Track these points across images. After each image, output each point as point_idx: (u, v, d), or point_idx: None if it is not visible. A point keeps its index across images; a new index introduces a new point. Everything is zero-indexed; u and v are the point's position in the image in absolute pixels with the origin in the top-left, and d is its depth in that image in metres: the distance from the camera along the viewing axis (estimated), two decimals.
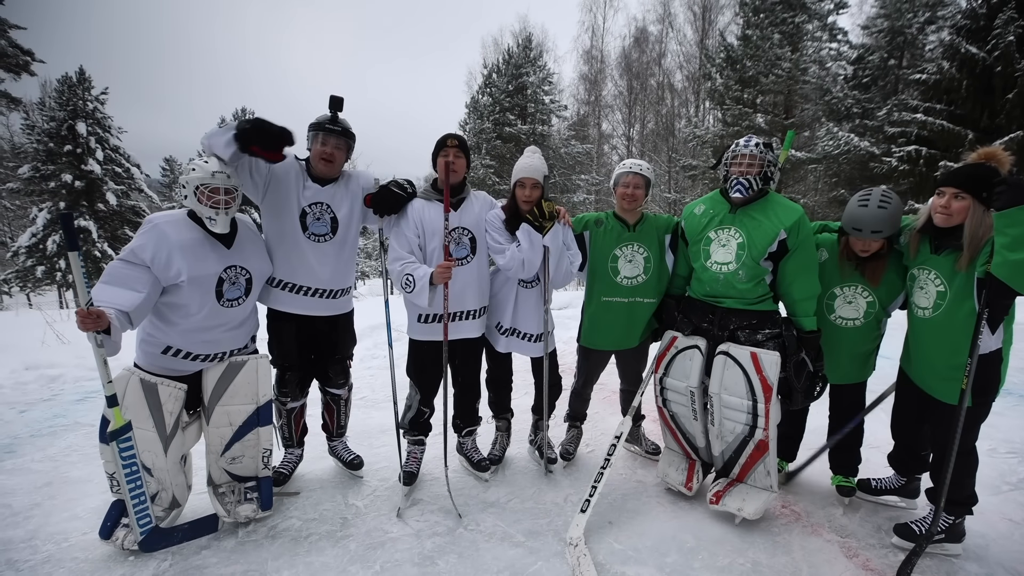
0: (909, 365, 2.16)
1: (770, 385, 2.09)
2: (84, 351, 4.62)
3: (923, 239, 2.00)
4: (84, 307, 1.67)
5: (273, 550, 2.03)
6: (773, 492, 2.24)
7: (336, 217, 2.31)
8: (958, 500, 2.01)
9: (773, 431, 2.14)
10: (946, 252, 1.92)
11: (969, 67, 10.57)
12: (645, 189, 2.43)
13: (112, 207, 17.77)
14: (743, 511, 2.17)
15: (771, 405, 2.10)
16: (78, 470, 2.67)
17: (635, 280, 2.49)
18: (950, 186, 1.86)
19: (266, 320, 2.39)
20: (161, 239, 1.90)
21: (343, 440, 2.68)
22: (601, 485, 2.27)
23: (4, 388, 3.89)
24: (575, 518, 2.20)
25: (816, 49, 15.26)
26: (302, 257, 2.27)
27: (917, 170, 11.19)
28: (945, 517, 2.02)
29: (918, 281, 2.01)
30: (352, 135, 2.30)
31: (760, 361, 2.10)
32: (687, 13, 23.65)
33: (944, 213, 1.87)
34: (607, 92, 25.45)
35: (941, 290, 1.94)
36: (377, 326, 5.55)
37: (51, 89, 19.17)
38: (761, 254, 2.10)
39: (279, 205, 2.24)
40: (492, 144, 18.94)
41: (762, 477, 2.25)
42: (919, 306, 2.02)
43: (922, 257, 2.00)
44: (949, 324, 1.92)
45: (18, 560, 1.94)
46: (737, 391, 2.15)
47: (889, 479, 2.41)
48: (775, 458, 2.22)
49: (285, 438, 2.53)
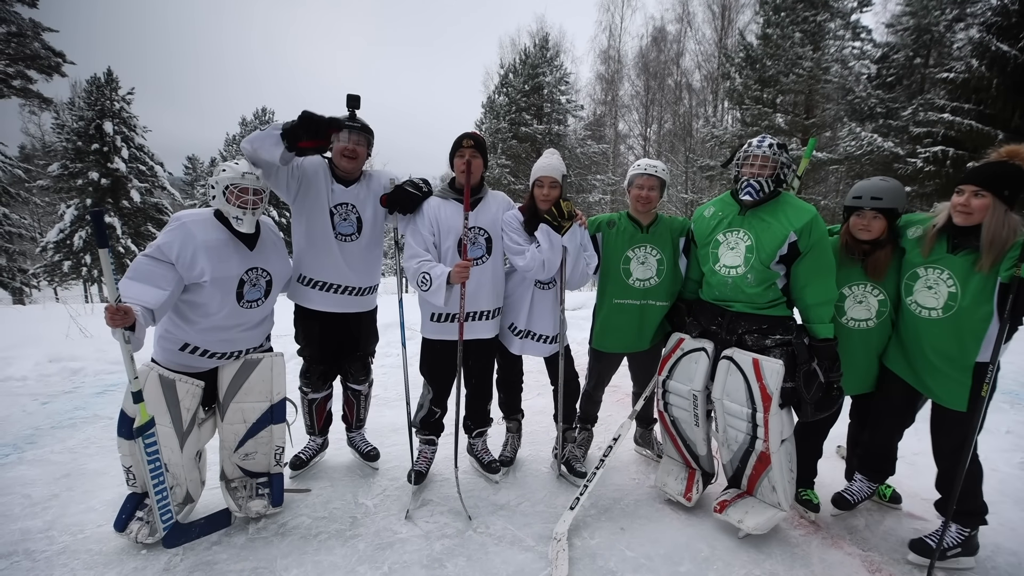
0: (901, 364, 2.07)
1: (769, 394, 2.00)
2: (106, 345, 4.73)
3: (940, 237, 1.92)
4: (113, 303, 1.69)
5: (283, 548, 2.03)
6: (781, 511, 2.12)
7: (361, 217, 2.35)
8: (971, 511, 1.94)
9: (775, 444, 2.04)
10: (964, 252, 1.85)
11: (1000, 65, 10.19)
12: (660, 191, 2.39)
13: (136, 204, 18.24)
14: (743, 524, 2.08)
15: (771, 415, 2.01)
16: (95, 462, 2.72)
17: (648, 282, 2.45)
18: (970, 183, 1.79)
19: (293, 315, 2.45)
20: (187, 238, 1.92)
21: (361, 432, 2.75)
22: (593, 485, 2.25)
23: (28, 380, 4.00)
24: (564, 514, 2.18)
25: (838, 48, 14.88)
26: (332, 256, 2.32)
27: (944, 171, 10.83)
28: (960, 529, 1.96)
29: (925, 279, 1.94)
30: (371, 131, 2.34)
31: (761, 368, 2.02)
32: (706, 12, 23.29)
33: (964, 211, 1.80)
34: (624, 92, 25.23)
35: (953, 291, 1.86)
36: (392, 324, 5.56)
37: (80, 89, 19.78)
38: (771, 257, 2.02)
39: (310, 205, 2.29)
40: (508, 144, 18.93)
41: (768, 492, 2.14)
42: (924, 306, 1.95)
43: (936, 256, 1.92)
44: (960, 326, 1.85)
45: (35, 551, 1.97)
46: (738, 398, 2.09)
47: (860, 488, 2.31)
48: (783, 474, 2.09)
49: (308, 426, 2.62)
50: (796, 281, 2.06)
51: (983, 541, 2.03)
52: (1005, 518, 2.18)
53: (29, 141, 30.45)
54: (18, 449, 2.86)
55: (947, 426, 1.96)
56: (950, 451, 1.94)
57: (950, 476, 1.91)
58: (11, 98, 14.47)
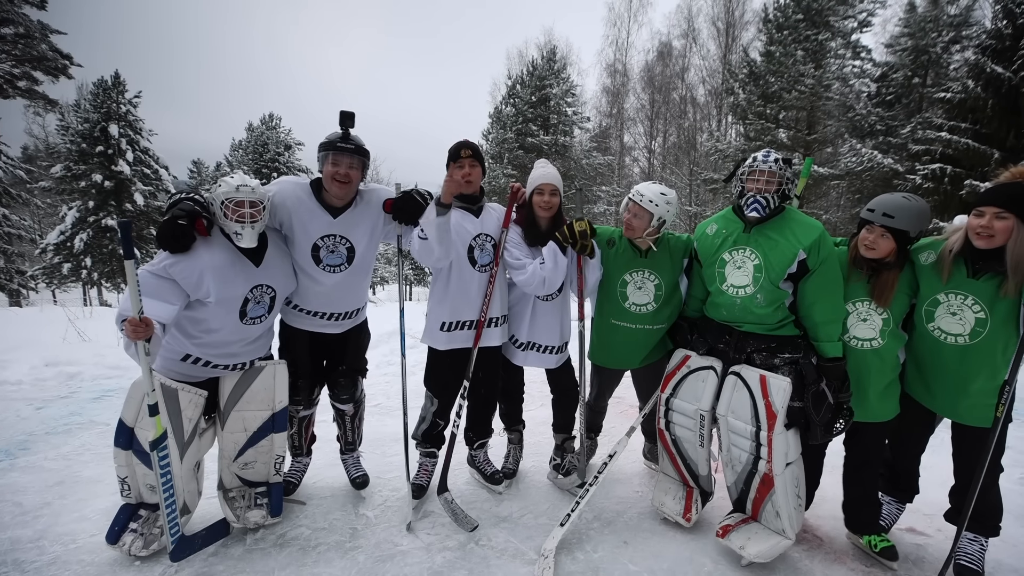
0: (920, 391, 2.01)
1: (774, 412, 1.95)
2: (104, 349, 4.69)
3: (958, 262, 1.85)
4: (135, 316, 1.67)
5: (280, 559, 1.99)
6: (786, 539, 2.02)
7: (352, 247, 2.20)
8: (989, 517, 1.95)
9: (779, 466, 1.97)
10: (986, 277, 1.78)
11: (995, 86, 10.39)
12: (647, 220, 2.25)
13: (139, 207, 18.26)
14: (746, 551, 2.00)
15: (775, 434, 1.95)
16: (90, 470, 2.67)
17: (644, 308, 2.39)
18: (991, 205, 1.72)
19: (278, 328, 2.36)
20: (193, 258, 1.87)
21: (353, 455, 2.60)
22: (584, 502, 2.21)
23: (24, 384, 3.95)
24: (553, 531, 2.14)
25: (839, 66, 15.11)
26: (315, 287, 2.20)
27: (942, 188, 10.96)
28: (982, 541, 1.96)
29: (947, 306, 1.86)
30: (366, 152, 2.14)
31: (768, 385, 1.98)
32: (711, 29, 23.73)
33: (985, 234, 1.73)
34: (629, 105, 25.54)
35: (981, 317, 1.80)
36: (394, 332, 5.54)
37: (87, 92, 19.91)
38: (780, 276, 1.98)
39: (290, 239, 2.15)
40: (514, 154, 19.11)
41: (772, 518, 2.05)
42: (948, 332, 1.87)
43: (956, 281, 1.84)
44: (993, 351, 1.81)
45: (24, 561, 1.92)
46: (742, 415, 2.04)
47: (890, 511, 2.26)
48: (788, 499, 2.00)
49: (294, 447, 2.49)
50: (804, 298, 2.01)
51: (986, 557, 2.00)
52: (1007, 534, 2.14)
53: (32, 142, 30.66)
54: (10, 455, 2.81)
55: (969, 441, 1.92)
56: (974, 463, 1.87)
57: (970, 486, 1.86)
58: (16, 98, 14.55)
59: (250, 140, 25.64)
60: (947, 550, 1.93)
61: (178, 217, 1.84)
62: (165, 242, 1.83)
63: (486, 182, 15.42)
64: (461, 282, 2.32)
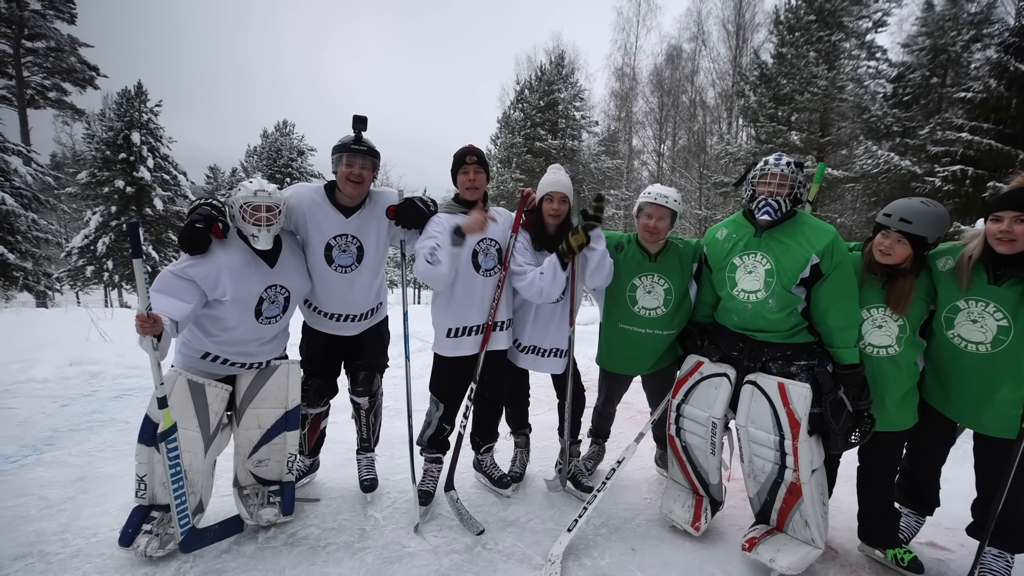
0: (940, 399, 1.97)
1: (797, 420, 1.92)
2: (125, 349, 4.82)
3: (978, 268, 1.80)
4: (144, 312, 1.75)
5: (291, 558, 2.03)
6: (817, 548, 1.98)
7: (363, 246, 2.28)
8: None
9: (806, 473, 1.94)
10: (1009, 283, 1.74)
11: (1019, 85, 10.09)
12: (670, 221, 2.29)
13: (159, 212, 18.72)
14: (776, 563, 1.96)
15: (800, 442, 1.92)
16: (111, 466, 2.76)
17: (654, 312, 2.39)
18: (1011, 209, 1.68)
19: (301, 326, 2.43)
20: (211, 259, 1.97)
21: (367, 456, 2.58)
22: (592, 508, 2.20)
23: (49, 382, 4.08)
24: (560, 536, 2.14)
25: (854, 67, 14.86)
26: (330, 288, 2.29)
27: (963, 190, 10.67)
28: (1008, 558, 1.91)
29: (968, 313, 1.82)
30: (377, 154, 2.25)
31: (788, 393, 1.94)
32: (721, 31, 23.50)
33: (1006, 239, 1.69)
34: (638, 108, 25.44)
35: (1004, 324, 1.75)
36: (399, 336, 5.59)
37: (111, 101, 20.51)
38: (792, 281, 1.95)
39: (305, 241, 2.26)
40: (523, 158, 19.17)
41: (800, 528, 2.01)
42: (969, 340, 1.83)
43: (977, 288, 1.80)
44: (1015, 359, 1.76)
45: (49, 552, 2.00)
46: (764, 424, 2.00)
47: (910, 524, 2.21)
48: (815, 507, 1.97)
49: (298, 444, 2.51)
50: (818, 304, 1.98)
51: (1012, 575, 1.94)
52: None
53: (60, 150, 31.68)
54: (37, 451, 2.91)
55: (993, 452, 1.87)
56: (998, 476, 1.83)
57: (994, 499, 1.81)
58: (46, 109, 15.07)
59: (265, 146, 26.15)
60: (970, 566, 1.87)
61: (196, 221, 1.95)
62: (185, 244, 1.95)
63: (494, 186, 15.45)
64: (465, 287, 2.34)
